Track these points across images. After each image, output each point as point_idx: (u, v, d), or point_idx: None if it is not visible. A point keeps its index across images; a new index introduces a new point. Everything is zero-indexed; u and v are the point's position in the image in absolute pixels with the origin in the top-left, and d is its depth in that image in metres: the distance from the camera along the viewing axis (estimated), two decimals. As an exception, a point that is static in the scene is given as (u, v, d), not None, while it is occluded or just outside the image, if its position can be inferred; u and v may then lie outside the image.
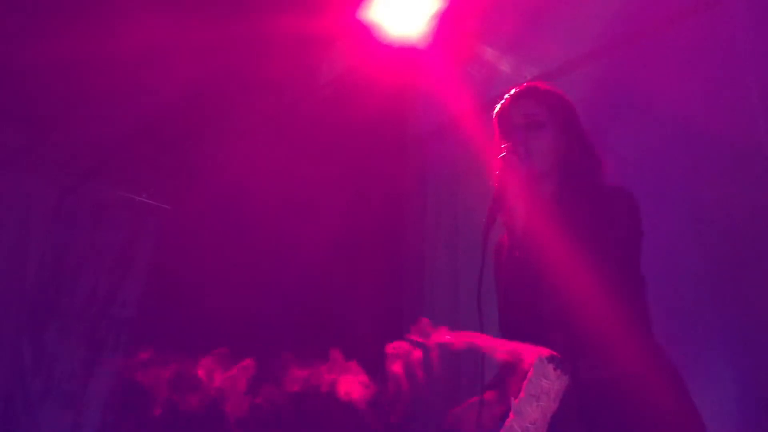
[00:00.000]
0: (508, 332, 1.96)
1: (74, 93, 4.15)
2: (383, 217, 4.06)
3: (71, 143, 4.72)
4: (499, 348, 1.49)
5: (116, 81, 4.01)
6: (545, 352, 1.36)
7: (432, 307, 3.84)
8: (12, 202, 4.75)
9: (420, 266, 3.99)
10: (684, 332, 2.62)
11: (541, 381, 1.32)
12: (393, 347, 1.66)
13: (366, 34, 3.79)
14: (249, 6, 3.59)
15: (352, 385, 1.79)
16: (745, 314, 2.64)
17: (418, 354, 1.67)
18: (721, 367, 2.58)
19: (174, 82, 4.01)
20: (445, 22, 3.76)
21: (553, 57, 3.66)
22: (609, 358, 1.73)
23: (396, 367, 1.68)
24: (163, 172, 5.12)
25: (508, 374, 1.45)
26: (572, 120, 2.11)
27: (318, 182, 4.06)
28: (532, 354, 1.37)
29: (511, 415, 1.37)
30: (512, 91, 2.18)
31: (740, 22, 2.94)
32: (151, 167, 5.08)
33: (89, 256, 5.07)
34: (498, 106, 2.21)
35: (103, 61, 3.73)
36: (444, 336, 1.55)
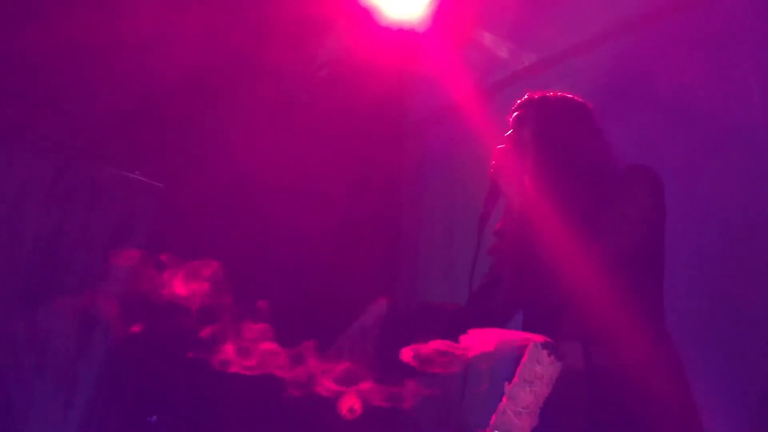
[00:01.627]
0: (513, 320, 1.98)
1: (72, 71, 4.12)
2: (380, 202, 4.07)
3: (68, 121, 4.69)
4: (510, 339, 1.49)
5: (115, 61, 3.98)
6: (539, 338, 1.38)
7: (426, 293, 3.86)
8: (7, 179, 4.73)
9: (415, 251, 4.00)
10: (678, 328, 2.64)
11: (534, 366, 1.34)
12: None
13: (365, 17, 3.77)
14: (248, -11, 3.57)
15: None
16: (740, 310, 2.67)
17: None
18: (714, 364, 2.60)
19: (172, 63, 3.99)
20: (444, 5, 3.74)
21: (553, 43, 3.66)
22: (618, 346, 1.75)
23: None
24: (159, 152, 5.10)
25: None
26: (557, 114, 2.07)
27: (315, 166, 4.05)
28: (529, 341, 1.39)
29: (504, 399, 1.39)
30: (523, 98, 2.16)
31: (740, 9, 2.94)
32: (148, 147, 5.05)
33: (84, 233, 5.06)
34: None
35: (103, 40, 3.70)
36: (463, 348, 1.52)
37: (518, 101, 2.15)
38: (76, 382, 4.84)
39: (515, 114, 2.12)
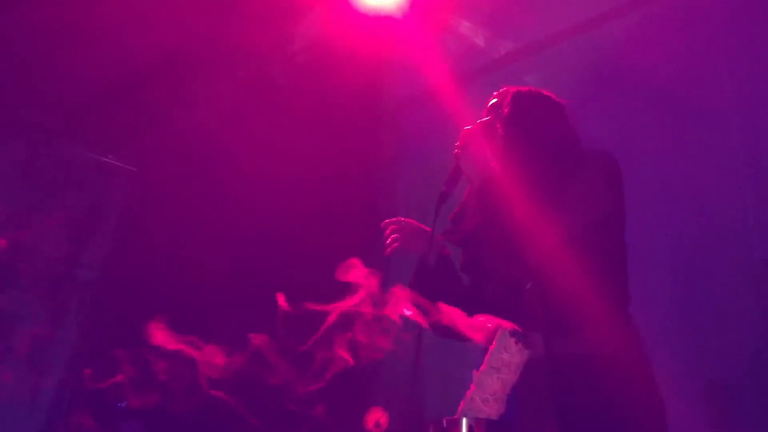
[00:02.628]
0: (480, 304, 1.99)
1: (47, 52, 4.04)
2: (356, 188, 4.06)
3: (42, 102, 4.61)
4: (474, 324, 1.51)
5: (90, 41, 3.91)
6: (507, 325, 1.39)
7: (400, 279, 3.86)
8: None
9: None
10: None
11: (502, 354, 1.35)
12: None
13: (342, 2, 3.75)
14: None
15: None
16: (708, 303, 2.72)
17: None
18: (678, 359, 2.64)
19: (148, 45, 3.93)
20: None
21: (531, 32, 3.67)
22: (580, 333, 1.77)
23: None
24: (133, 134, 5.04)
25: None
26: (530, 107, 2.13)
27: (291, 150, 4.02)
28: (496, 327, 1.40)
29: (472, 386, 1.39)
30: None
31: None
32: (121, 129, 4.99)
33: (54, 216, 4.99)
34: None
35: (78, 21, 3.63)
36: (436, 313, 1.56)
37: (494, 93, 2.22)
38: (45, 367, 4.79)
39: (490, 102, 2.20)
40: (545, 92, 2.19)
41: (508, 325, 1.39)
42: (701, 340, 2.71)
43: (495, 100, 2.19)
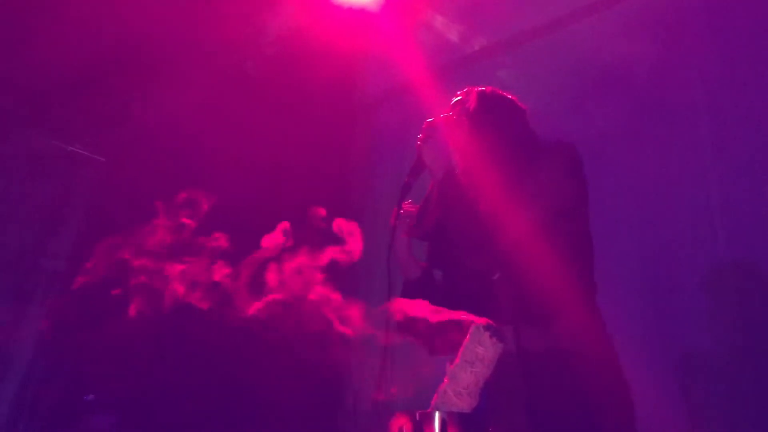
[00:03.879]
0: (453, 300, 2.01)
1: (13, 38, 3.94)
2: (329, 180, 4.04)
3: (7, 89, 4.50)
4: (448, 318, 1.52)
5: (56, 26, 3.83)
6: (482, 320, 1.40)
7: (372, 274, 3.87)
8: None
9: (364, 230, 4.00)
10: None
11: (476, 348, 1.36)
12: None
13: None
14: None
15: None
16: (673, 295, 2.77)
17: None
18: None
19: (118, 33, 3.86)
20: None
21: (504, 28, 3.69)
22: (552, 326, 1.79)
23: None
24: (100, 124, 4.95)
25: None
26: (496, 104, 2.17)
27: (261, 143, 3.98)
28: (471, 322, 1.41)
29: (445, 379, 1.41)
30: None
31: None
32: (88, 118, 4.89)
33: (19, 205, 4.88)
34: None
35: (46, 7, 3.55)
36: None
37: (458, 92, 2.25)
38: (10, 357, 4.70)
39: (454, 99, 2.23)
40: (508, 95, 2.23)
41: (482, 319, 1.40)
42: (667, 331, 2.76)
43: (459, 97, 2.22)
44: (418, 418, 1.35)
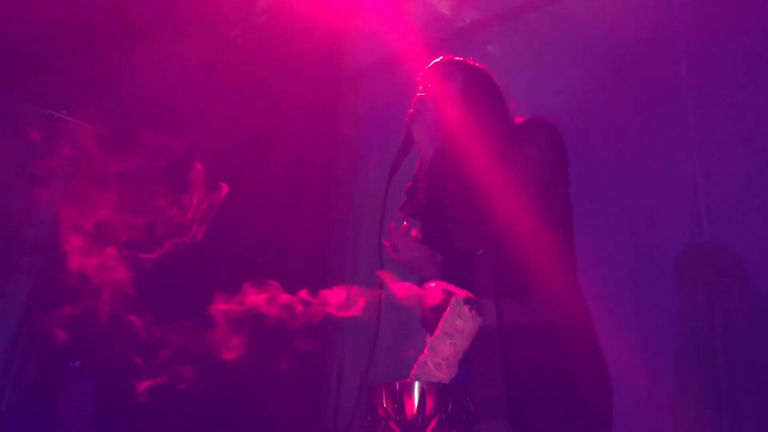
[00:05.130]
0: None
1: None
2: (316, 155, 4.02)
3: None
4: (429, 293, 1.54)
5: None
6: (462, 293, 1.42)
7: (358, 249, 3.88)
8: None
9: (350, 207, 4.00)
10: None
11: (455, 320, 1.38)
12: None
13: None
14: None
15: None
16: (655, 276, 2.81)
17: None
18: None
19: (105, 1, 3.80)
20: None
21: (495, 1, 3.68)
22: (533, 301, 1.82)
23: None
24: (87, 91, 4.90)
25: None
26: (478, 79, 2.16)
27: (247, 114, 3.96)
28: (452, 294, 1.43)
29: (425, 350, 1.43)
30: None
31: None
32: (75, 85, 4.84)
33: (3, 173, 4.85)
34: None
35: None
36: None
37: (437, 60, 2.22)
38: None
39: (437, 69, 2.19)
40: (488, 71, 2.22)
41: (462, 292, 1.43)
42: (648, 312, 2.80)
43: (443, 67, 2.18)
44: (398, 387, 1.37)
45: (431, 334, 1.43)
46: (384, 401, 1.37)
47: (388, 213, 2.08)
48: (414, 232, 2.21)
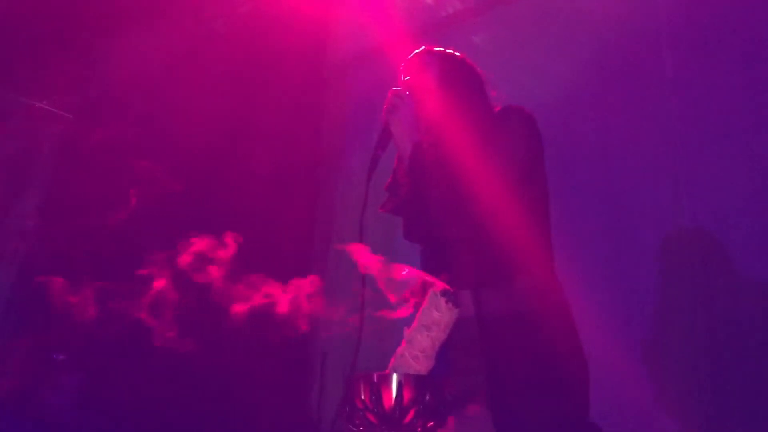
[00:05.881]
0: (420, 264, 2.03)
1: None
2: (300, 144, 4.01)
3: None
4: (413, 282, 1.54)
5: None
6: (438, 285, 1.43)
7: (342, 239, 3.88)
8: None
9: (334, 197, 4.00)
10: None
11: (432, 312, 1.39)
12: None
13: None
14: None
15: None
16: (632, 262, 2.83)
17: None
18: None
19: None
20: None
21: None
22: (513, 288, 1.83)
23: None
24: (68, 81, 4.85)
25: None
26: (457, 69, 2.15)
27: (231, 103, 3.93)
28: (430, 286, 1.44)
29: (403, 342, 1.44)
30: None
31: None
32: (56, 75, 4.79)
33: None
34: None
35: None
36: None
37: (416, 51, 2.21)
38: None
39: (415, 58, 2.19)
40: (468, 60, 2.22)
41: (439, 284, 1.43)
42: (628, 299, 2.82)
43: (422, 57, 2.18)
44: (376, 379, 1.38)
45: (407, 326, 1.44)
46: (362, 392, 1.38)
47: (370, 209, 2.07)
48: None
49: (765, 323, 2.49)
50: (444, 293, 1.39)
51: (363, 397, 1.38)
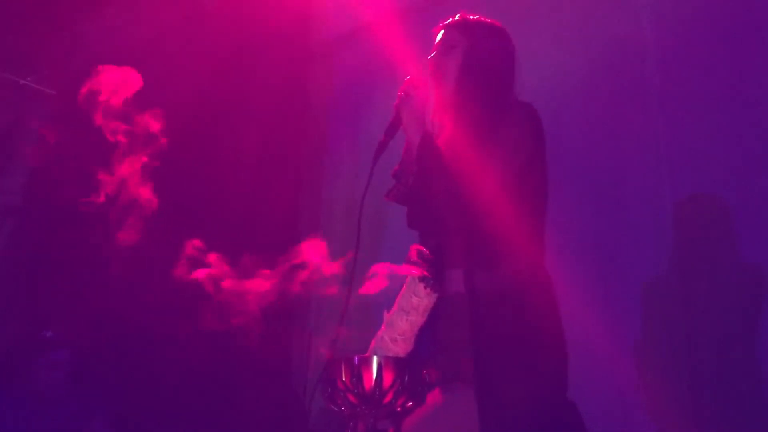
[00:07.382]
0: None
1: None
2: (286, 123, 3.99)
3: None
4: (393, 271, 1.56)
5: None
6: (417, 271, 1.47)
7: (329, 223, 3.88)
8: None
9: (320, 179, 3.99)
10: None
11: (411, 297, 1.43)
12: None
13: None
14: None
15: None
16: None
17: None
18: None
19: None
20: None
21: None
22: (501, 275, 1.87)
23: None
24: (52, 57, 4.80)
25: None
26: (485, 53, 2.09)
27: (215, 81, 3.90)
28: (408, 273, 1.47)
29: (383, 326, 1.48)
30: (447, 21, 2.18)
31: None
32: (39, 51, 4.73)
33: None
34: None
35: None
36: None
37: (451, 19, 2.15)
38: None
39: (445, 34, 2.13)
40: (501, 28, 2.14)
41: (417, 271, 1.47)
42: (614, 280, 2.87)
43: (451, 33, 2.11)
44: (356, 361, 1.42)
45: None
46: (343, 374, 1.43)
47: (372, 193, 2.06)
48: None
49: (744, 317, 2.55)
50: (422, 279, 1.43)
51: (344, 379, 1.42)
